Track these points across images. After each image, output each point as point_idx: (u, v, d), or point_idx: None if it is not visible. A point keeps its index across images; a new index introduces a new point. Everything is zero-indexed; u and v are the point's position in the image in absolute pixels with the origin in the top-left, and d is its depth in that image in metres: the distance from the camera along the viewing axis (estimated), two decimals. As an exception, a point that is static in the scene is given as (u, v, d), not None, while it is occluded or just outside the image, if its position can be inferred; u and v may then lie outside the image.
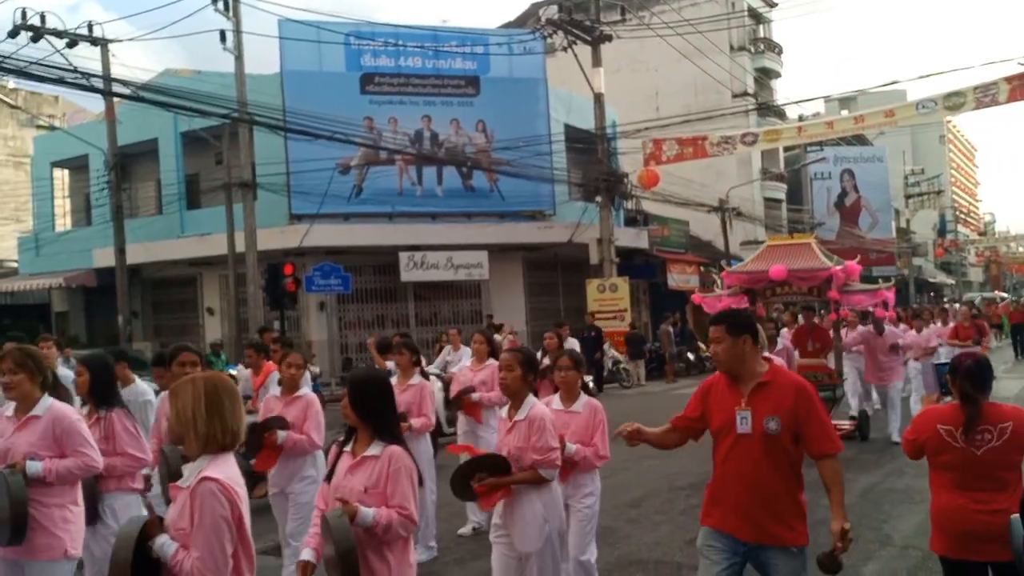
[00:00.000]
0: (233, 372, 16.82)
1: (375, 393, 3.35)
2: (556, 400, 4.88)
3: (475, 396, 6.96)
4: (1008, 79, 15.46)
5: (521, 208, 22.54)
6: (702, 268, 27.66)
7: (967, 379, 3.69)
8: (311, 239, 19.55)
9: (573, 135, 23.22)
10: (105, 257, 21.62)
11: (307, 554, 3.29)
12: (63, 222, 27.78)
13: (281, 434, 5.37)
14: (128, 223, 20.72)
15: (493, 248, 21.59)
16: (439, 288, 22.20)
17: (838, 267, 10.30)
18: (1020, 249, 73.52)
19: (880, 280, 11.10)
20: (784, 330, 11.93)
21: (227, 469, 2.74)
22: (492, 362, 6.92)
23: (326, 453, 4.16)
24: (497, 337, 18.43)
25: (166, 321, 24.91)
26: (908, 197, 51.91)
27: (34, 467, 3.83)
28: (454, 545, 6.76)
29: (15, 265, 29.23)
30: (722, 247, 29.22)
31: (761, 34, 39.84)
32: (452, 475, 4.25)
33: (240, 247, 18.36)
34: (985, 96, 15.54)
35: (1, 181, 33.18)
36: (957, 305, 14.79)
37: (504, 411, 4.36)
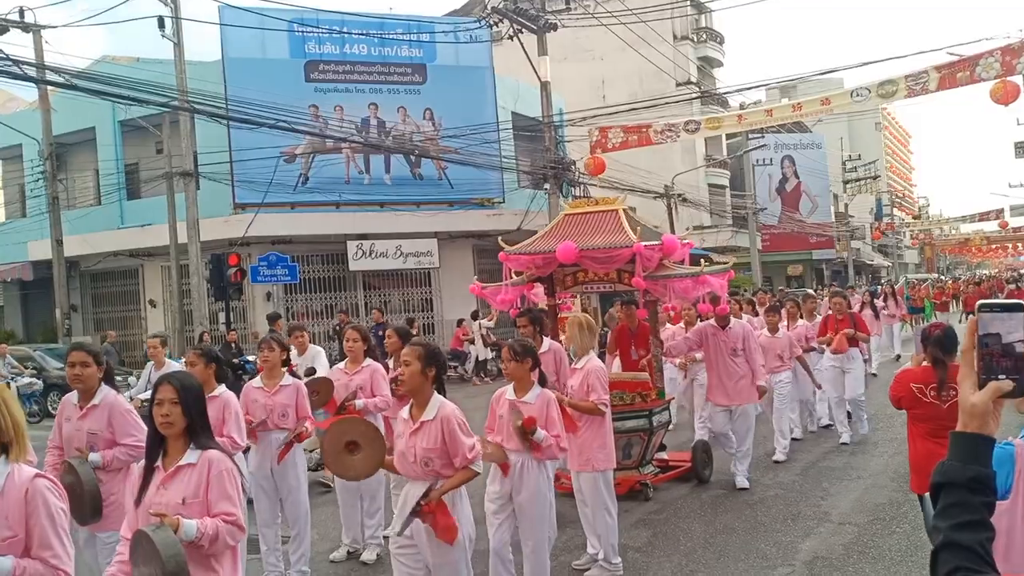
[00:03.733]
0: (177, 365, 16.60)
1: (193, 398, 3.13)
2: (510, 390, 4.85)
3: (358, 403, 6.09)
4: (938, 68, 15.91)
5: (470, 196, 22.54)
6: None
7: (936, 346, 4.44)
8: (256, 229, 19.28)
9: (520, 123, 23.27)
10: (41, 249, 21.03)
11: None
12: (-4, 214, 26.95)
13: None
14: (65, 214, 20.18)
15: (442, 236, 21.58)
16: (389, 277, 22.13)
17: (650, 244, 7.24)
18: (953, 232, 76.03)
19: (704, 261, 8.19)
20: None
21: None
22: (370, 363, 6.35)
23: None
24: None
25: (107, 314, 24.34)
26: (846, 182, 53.27)
27: (95, 457, 4.38)
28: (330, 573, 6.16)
29: (-54, 259, 28.20)
30: (669, 232, 29.65)
31: (703, 23, 40.40)
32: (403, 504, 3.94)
33: (182, 238, 18.03)
34: (916, 84, 15.99)
35: (-72, 171, 31.89)
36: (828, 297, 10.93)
37: (406, 411, 4.06)
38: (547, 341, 6.78)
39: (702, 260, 9.64)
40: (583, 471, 5.73)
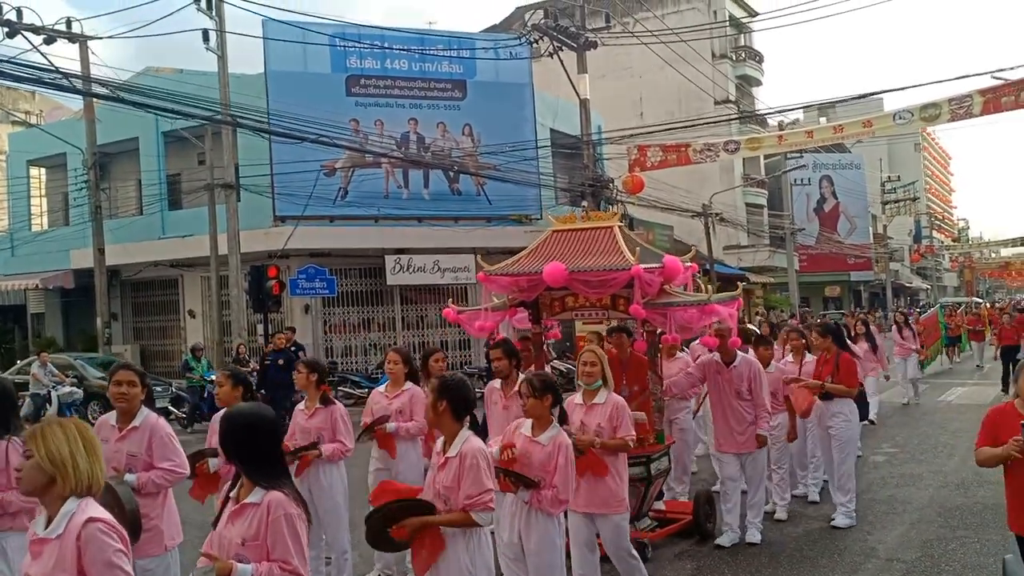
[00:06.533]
0: (212, 377, 16.68)
1: (245, 433, 2.98)
2: (527, 424, 4.52)
3: (390, 426, 6.06)
4: (982, 92, 15.69)
5: (508, 212, 22.56)
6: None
7: None
8: (295, 241, 19.44)
9: (559, 140, 23.28)
10: (83, 258, 21.37)
11: None
12: (39, 222, 27.38)
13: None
14: (107, 223, 20.48)
15: (480, 252, 21.55)
16: (426, 292, 22.17)
17: (650, 267, 6.24)
18: (993, 255, 74.54)
19: (698, 285, 7.21)
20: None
21: (100, 510, 2.72)
22: (410, 387, 6.22)
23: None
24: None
25: (147, 324, 24.66)
26: (885, 203, 52.61)
27: (130, 478, 4.26)
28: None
29: (-10, 265, 28.80)
30: (706, 251, 29.48)
31: (743, 42, 40.23)
32: (367, 521, 3.80)
33: (223, 249, 18.23)
34: (960, 108, 15.75)
35: (-24, 178, 32.66)
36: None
37: (439, 443, 3.92)
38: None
39: (738, 282, 9.21)
40: (609, 513, 5.19)
